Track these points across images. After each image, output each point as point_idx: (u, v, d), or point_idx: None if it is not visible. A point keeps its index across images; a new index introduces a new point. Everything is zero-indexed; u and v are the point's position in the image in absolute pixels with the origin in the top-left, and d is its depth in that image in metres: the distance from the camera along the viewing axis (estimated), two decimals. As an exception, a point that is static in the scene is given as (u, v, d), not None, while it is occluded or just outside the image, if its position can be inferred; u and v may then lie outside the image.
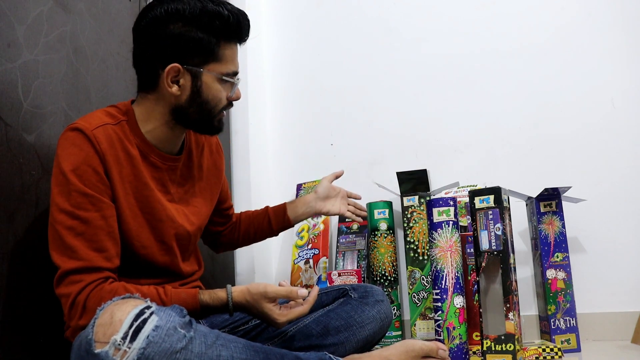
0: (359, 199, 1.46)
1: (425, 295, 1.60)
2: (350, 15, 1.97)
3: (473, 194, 1.33)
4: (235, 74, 1.04)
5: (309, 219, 1.75)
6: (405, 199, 1.67)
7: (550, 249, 1.48)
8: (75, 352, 0.79)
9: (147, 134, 1.03)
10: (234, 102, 1.08)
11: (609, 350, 1.40)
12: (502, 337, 1.24)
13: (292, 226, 1.37)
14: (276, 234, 1.38)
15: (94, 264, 0.89)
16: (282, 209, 1.34)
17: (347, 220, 1.80)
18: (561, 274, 1.47)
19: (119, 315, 0.75)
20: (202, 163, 1.17)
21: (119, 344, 0.72)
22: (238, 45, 1.05)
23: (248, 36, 1.06)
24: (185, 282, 1.11)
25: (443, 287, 1.28)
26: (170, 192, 1.07)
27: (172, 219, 1.05)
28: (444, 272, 1.29)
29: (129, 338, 0.73)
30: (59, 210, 0.91)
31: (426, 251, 1.62)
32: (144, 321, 0.74)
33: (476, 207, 1.32)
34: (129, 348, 0.72)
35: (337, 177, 1.41)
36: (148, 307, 0.76)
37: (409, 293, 1.62)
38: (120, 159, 0.98)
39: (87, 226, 0.90)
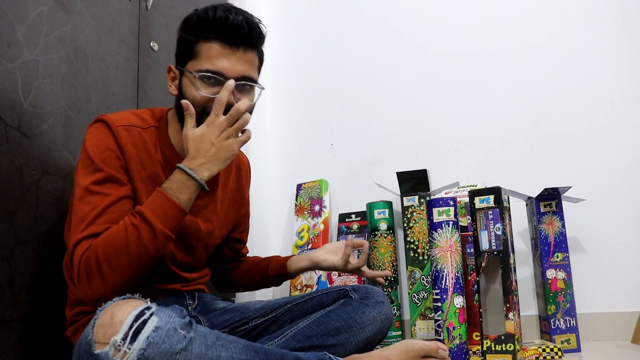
0: (363, 245, 1.23)
1: (425, 295, 1.60)
2: (351, 15, 1.97)
3: (473, 194, 1.33)
4: (210, 72, 0.98)
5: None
6: (405, 199, 1.67)
7: (550, 249, 1.48)
8: (76, 352, 0.79)
9: (176, 143, 1.07)
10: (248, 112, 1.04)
11: (609, 350, 1.40)
12: (502, 337, 1.24)
13: (291, 276, 1.27)
14: (273, 282, 1.28)
15: (101, 230, 0.90)
16: (285, 258, 1.29)
17: (347, 220, 1.80)
18: (561, 274, 1.47)
19: (119, 316, 0.74)
20: (228, 184, 1.18)
21: (119, 345, 0.72)
22: (231, 47, 0.99)
23: (238, 35, 0.99)
24: (187, 285, 1.12)
25: (443, 287, 1.28)
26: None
27: (188, 231, 1.07)
28: (444, 272, 1.29)
29: (129, 339, 0.73)
30: (81, 187, 0.94)
31: (426, 251, 1.62)
32: (144, 322, 0.74)
33: (476, 207, 1.32)
34: (129, 349, 0.72)
35: (355, 246, 1.23)
36: (148, 308, 0.76)
37: (409, 293, 1.62)
38: (143, 160, 1.01)
39: (105, 200, 0.93)
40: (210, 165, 0.96)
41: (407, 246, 1.64)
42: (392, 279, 1.64)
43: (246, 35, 1.00)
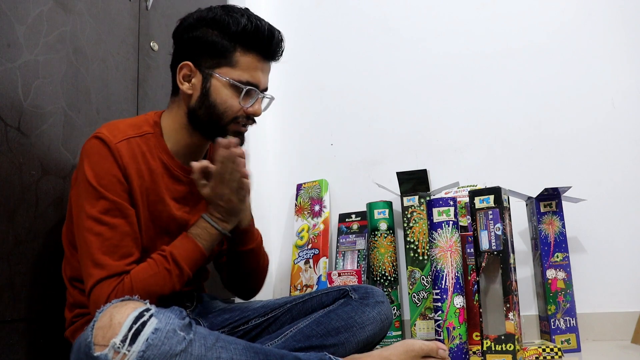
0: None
1: (425, 295, 1.60)
2: (350, 15, 1.97)
3: (473, 194, 1.33)
4: (250, 84, 1.03)
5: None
6: (405, 199, 1.67)
7: (550, 249, 1.48)
8: (74, 354, 0.79)
9: (172, 147, 1.06)
10: (256, 119, 1.09)
11: (609, 350, 1.40)
12: (502, 337, 1.24)
13: (240, 231, 1.13)
14: (239, 252, 1.15)
15: (120, 269, 0.92)
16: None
17: (347, 220, 1.80)
18: (561, 274, 1.47)
19: (118, 318, 0.74)
20: None
21: (119, 347, 0.72)
22: (264, 60, 1.05)
23: (274, 51, 1.06)
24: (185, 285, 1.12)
25: (443, 287, 1.28)
26: (189, 205, 1.08)
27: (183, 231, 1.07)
28: (444, 272, 1.29)
29: (128, 341, 0.72)
30: (87, 217, 0.93)
31: (426, 251, 1.62)
32: (144, 324, 0.74)
33: (476, 207, 1.32)
34: (129, 351, 0.72)
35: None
36: (147, 310, 0.76)
37: (409, 293, 1.62)
38: (142, 171, 1.00)
39: (114, 232, 0.93)
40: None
41: (407, 246, 1.64)
42: (392, 279, 1.64)
43: (280, 52, 1.08)
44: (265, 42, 1.03)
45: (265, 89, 1.08)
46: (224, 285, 1.27)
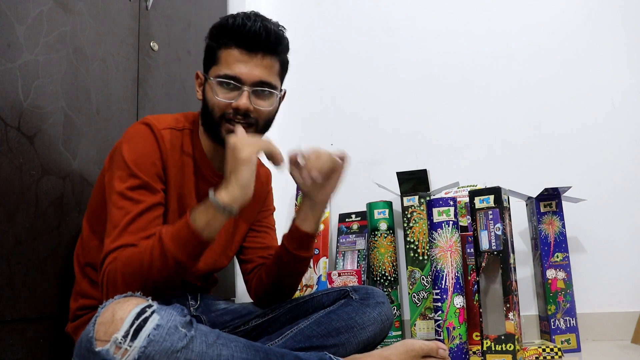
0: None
1: (425, 295, 1.60)
2: (350, 15, 1.97)
3: (473, 194, 1.33)
4: (229, 77, 0.99)
5: None
6: (405, 199, 1.67)
7: (550, 249, 1.48)
8: (77, 349, 0.79)
9: (205, 147, 1.08)
10: (256, 117, 1.02)
11: (609, 350, 1.40)
12: (502, 337, 1.24)
13: (308, 235, 1.13)
14: (297, 256, 1.10)
15: (130, 241, 0.91)
16: (290, 230, 1.16)
17: (347, 220, 1.80)
18: (561, 274, 1.47)
19: (120, 313, 0.75)
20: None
21: (120, 343, 0.72)
22: (248, 52, 1.00)
23: (255, 41, 1.00)
24: (191, 287, 1.13)
25: (443, 287, 1.28)
26: None
27: None
28: (444, 272, 1.29)
29: (129, 337, 0.73)
30: (115, 192, 0.95)
31: (426, 251, 1.62)
32: (145, 320, 0.74)
33: (476, 207, 1.32)
34: (130, 347, 0.72)
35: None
36: (149, 306, 0.76)
37: (409, 293, 1.62)
38: (178, 163, 1.03)
39: (136, 206, 0.94)
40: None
41: (407, 246, 1.64)
42: (392, 279, 1.64)
43: (264, 41, 1.01)
44: (238, 33, 1.00)
45: (260, 84, 1.01)
46: (255, 295, 1.17)
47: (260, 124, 1.04)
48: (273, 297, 1.15)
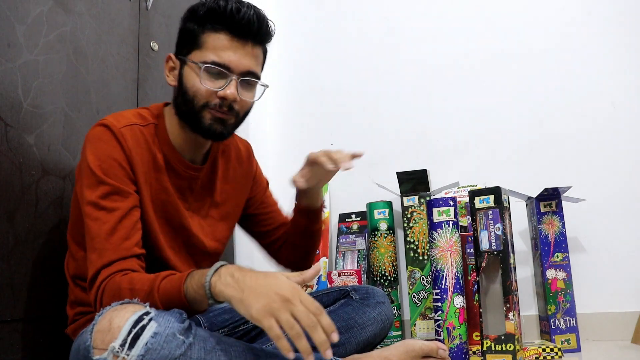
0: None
1: (425, 295, 1.60)
2: (351, 15, 1.97)
3: (473, 194, 1.33)
4: (216, 64, 0.95)
5: None
6: (405, 199, 1.67)
7: (550, 249, 1.48)
8: (73, 356, 0.78)
9: (173, 140, 1.03)
10: (234, 106, 0.98)
11: (609, 350, 1.40)
12: (502, 337, 1.24)
13: (311, 207, 1.18)
14: (313, 230, 1.19)
15: (117, 256, 0.88)
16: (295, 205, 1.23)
17: (347, 220, 1.80)
18: (561, 274, 1.47)
19: (118, 321, 0.74)
20: (229, 175, 1.14)
21: (118, 351, 0.72)
22: (238, 39, 0.96)
23: (246, 28, 0.96)
24: None
25: (443, 287, 1.28)
26: (188, 202, 1.06)
27: (188, 227, 1.04)
28: (444, 272, 1.29)
29: (127, 345, 0.72)
30: (87, 202, 0.91)
31: (426, 251, 1.62)
32: (143, 328, 0.73)
33: (476, 207, 1.32)
34: (128, 355, 0.71)
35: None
36: (147, 313, 0.75)
37: (409, 293, 1.62)
38: (145, 160, 0.98)
39: (112, 215, 0.90)
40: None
41: (407, 246, 1.64)
42: (392, 279, 1.64)
43: (256, 29, 0.98)
44: (230, 19, 0.95)
45: (248, 73, 0.98)
46: (283, 263, 1.24)
47: (240, 116, 1.01)
48: (298, 267, 1.20)
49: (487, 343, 1.25)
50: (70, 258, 1.02)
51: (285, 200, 1.77)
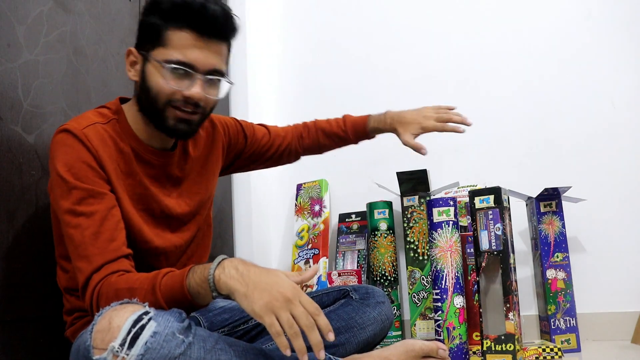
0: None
1: (425, 295, 1.60)
2: (350, 15, 1.97)
3: (473, 194, 1.33)
4: (181, 63, 0.92)
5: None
6: (405, 199, 1.67)
7: (550, 249, 1.48)
8: (73, 356, 0.78)
9: (138, 131, 1.01)
10: (201, 105, 0.97)
11: (609, 350, 1.40)
12: (502, 337, 1.24)
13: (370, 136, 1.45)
14: (353, 140, 1.44)
15: (105, 259, 0.87)
16: (362, 119, 1.43)
17: (347, 220, 1.80)
18: (561, 274, 1.47)
19: (117, 321, 0.74)
20: (200, 153, 1.13)
21: (117, 351, 0.72)
22: (203, 37, 0.93)
23: (212, 26, 0.94)
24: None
25: (443, 287, 1.28)
26: (166, 187, 1.05)
27: (170, 212, 1.04)
28: (444, 272, 1.29)
29: (127, 345, 0.72)
30: (64, 211, 0.89)
31: (426, 251, 1.62)
32: (142, 327, 0.73)
33: (476, 207, 1.32)
34: (127, 355, 0.71)
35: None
36: (146, 313, 0.75)
37: (409, 293, 1.62)
38: (114, 156, 0.96)
39: (92, 220, 0.88)
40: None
41: (407, 246, 1.64)
42: (392, 279, 1.64)
43: (222, 27, 0.95)
44: (196, 16, 0.92)
45: (213, 72, 0.96)
46: (302, 151, 1.43)
47: (206, 113, 1.01)
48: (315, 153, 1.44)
49: (487, 343, 1.25)
50: (60, 271, 1.01)
51: (284, 200, 1.77)
